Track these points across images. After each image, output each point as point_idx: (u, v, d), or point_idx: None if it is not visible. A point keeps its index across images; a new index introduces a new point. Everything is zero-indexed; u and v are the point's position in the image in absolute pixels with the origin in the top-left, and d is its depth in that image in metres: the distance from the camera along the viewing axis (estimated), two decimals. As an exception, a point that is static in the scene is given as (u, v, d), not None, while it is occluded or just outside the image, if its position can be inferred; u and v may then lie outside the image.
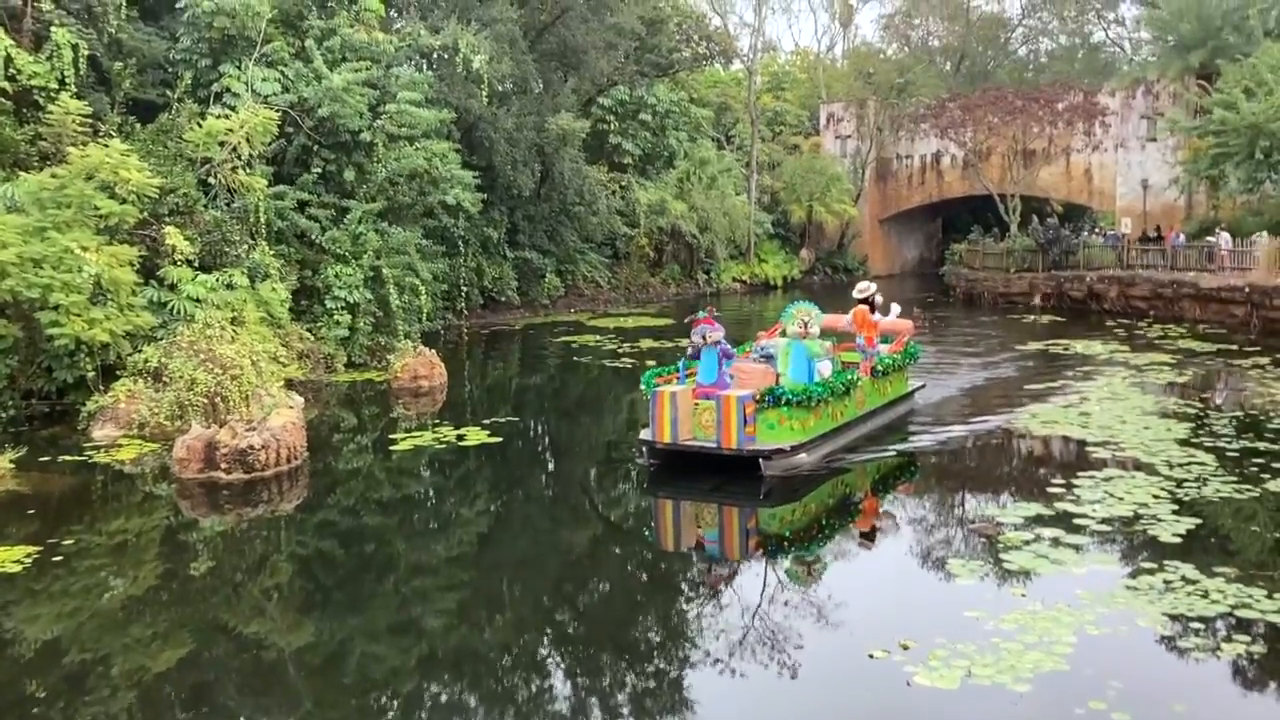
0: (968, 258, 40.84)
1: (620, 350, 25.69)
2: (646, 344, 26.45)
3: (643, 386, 14.56)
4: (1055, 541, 10.82)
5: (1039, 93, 42.29)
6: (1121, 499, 12.22)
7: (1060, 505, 12.11)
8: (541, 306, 34.54)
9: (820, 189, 48.26)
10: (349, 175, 24.60)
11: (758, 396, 13.57)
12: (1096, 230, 42.59)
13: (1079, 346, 25.30)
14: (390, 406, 19.41)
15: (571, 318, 33.13)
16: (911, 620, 9.07)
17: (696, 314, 14.56)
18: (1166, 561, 10.13)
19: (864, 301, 16.61)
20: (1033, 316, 33.06)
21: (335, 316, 22.48)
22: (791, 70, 63.51)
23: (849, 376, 15.01)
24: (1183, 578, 9.73)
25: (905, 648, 8.34)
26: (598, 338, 28.06)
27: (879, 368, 16.07)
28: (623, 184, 39.81)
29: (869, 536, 12.07)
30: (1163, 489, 12.58)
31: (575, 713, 7.89)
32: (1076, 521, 11.48)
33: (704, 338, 14.15)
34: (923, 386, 18.43)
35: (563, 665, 8.83)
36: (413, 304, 24.05)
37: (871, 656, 8.27)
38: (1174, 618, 8.89)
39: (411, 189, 25.71)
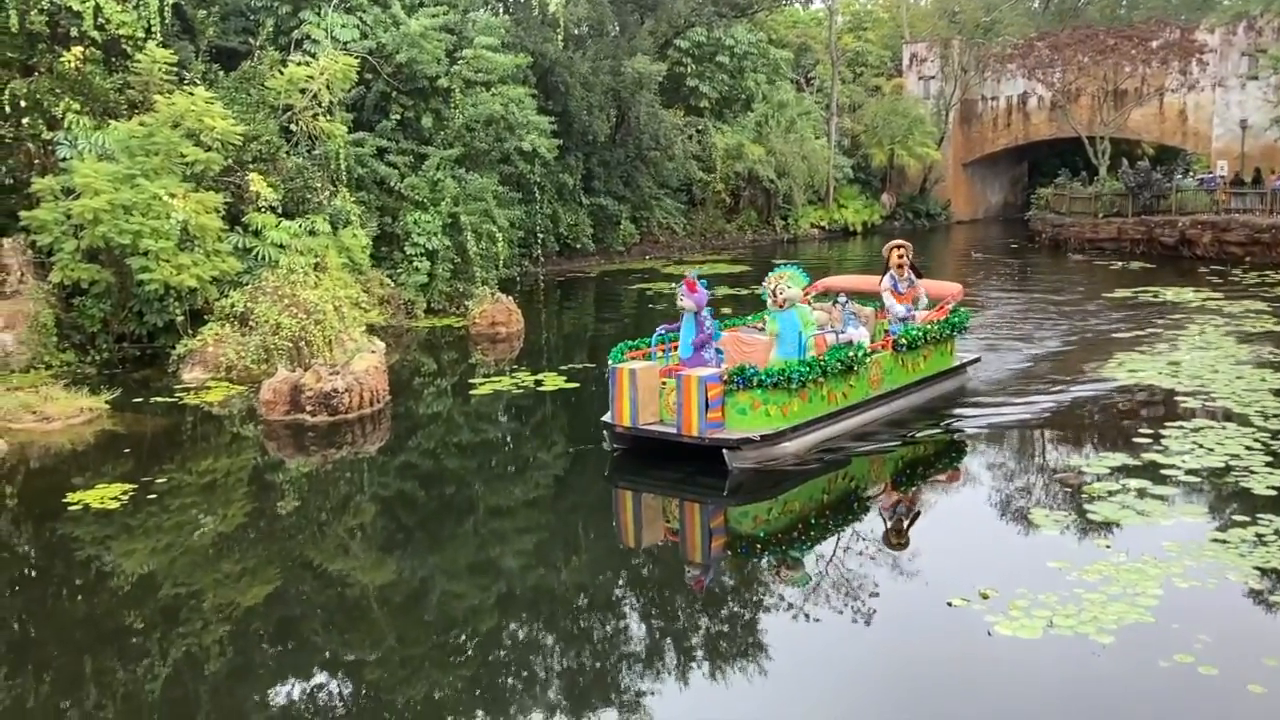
0: (1054, 202, 39.74)
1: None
2: (721, 291, 26.29)
3: (610, 361, 12.62)
4: (1141, 493, 10.58)
5: (1132, 30, 40.68)
6: (1212, 450, 11.89)
7: (1147, 456, 11.83)
8: (616, 253, 34.48)
9: (902, 132, 47.22)
10: (427, 122, 24.71)
11: (724, 376, 11.66)
12: (1190, 173, 41.09)
13: (1169, 294, 24.55)
14: (468, 352, 19.63)
15: (646, 265, 33.05)
16: (992, 569, 8.97)
17: (687, 273, 12.72)
18: (1260, 515, 9.85)
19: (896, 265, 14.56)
20: (1121, 263, 32.12)
21: (414, 263, 22.72)
22: (874, 9, 61.96)
23: (853, 351, 12.79)
24: (1276, 531, 9.45)
25: (985, 597, 8.26)
26: (672, 285, 27.94)
27: (903, 340, 13.86)
28: (699, 128, 39.36)
29: (947, 486, 11.89)
30: (1256, 440, 12.21)
31: (649, 649, 7.96)
32: (1164, 472, 11.21)
33: (699, 306, 12.37)
34: (977, 360, 16.00)
35: (638, 606, 8.91)
36: (490, 251, 24.18)
37: (950, 605, 8.20)
38: (1266, 572, 8.65)
39: (488, 135, 25.75)
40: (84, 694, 7.29)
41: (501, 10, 29.77)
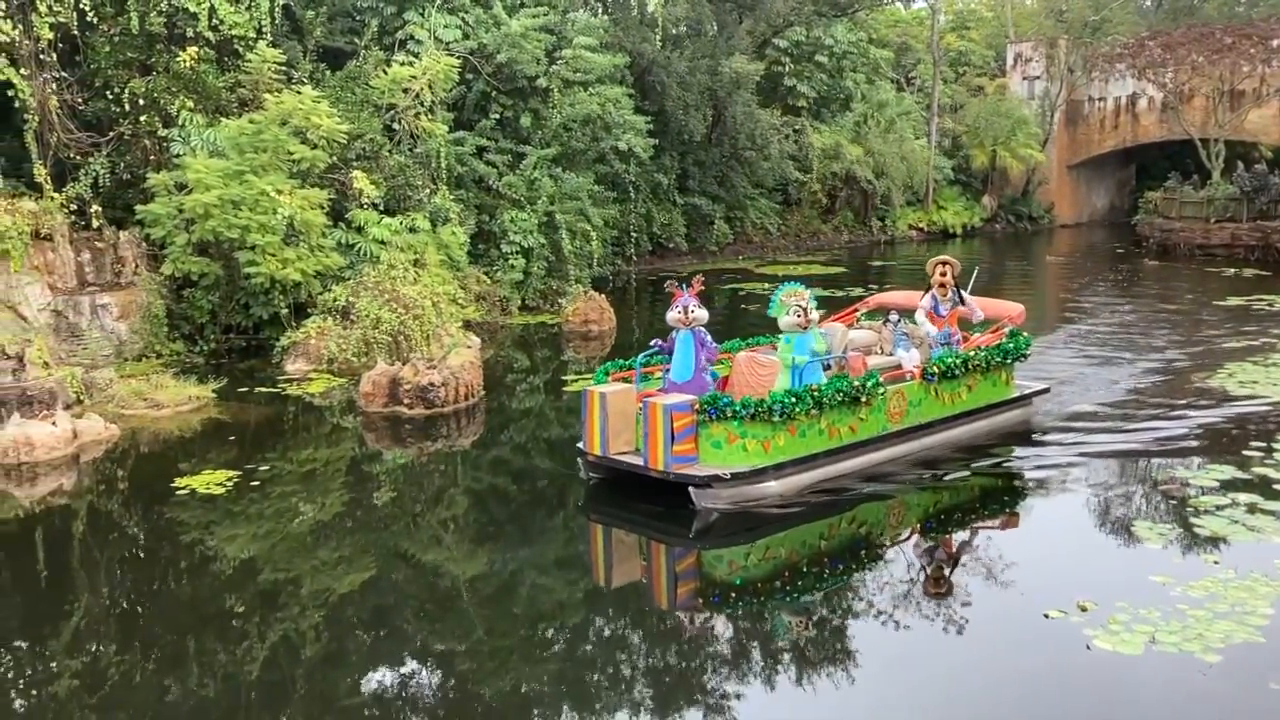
0: (1163, 206, 38.42)
1: (790, 298, 25.34)
2: (816, 293, 26.03)
3: (594, 380, 11.71)
4: (1252, 508, 10.17)
5: (1251, 28, 39.12)
6: (1330, 465, 11.38)
7: (1258, 470, 11.36)
8: (709, 253, 34.39)
9: (1005, 133, 46.18)
10: (525, 121, 25.00)
11: (696, 406, 10.41)
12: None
13: (1286, 302, 23.60)
14: (561, 349, 19.80)
15: (739, 265, 32.90)
16: (1090, 582, 8.70)
17: (677, 283, 11.51)
18: (1380, 534, 9.40)
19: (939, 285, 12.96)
20: (1233, 269, 30.94)
21: (510, 260, 23.00)
22: (977, 8, 60.76)
23: (863, 380, 11.17)
24: (1398, 552, 9.01)
25: (1084, 609, 8.03)
26: (765, 285, 27.77)
27: (933, 369, 12.10)
28: (796, 128, 39.02)
29: (1045, 494, 11.57)
30: (1378, 456, 11.65)
31: (736, 650, 7.92)
32: (1277, 487, 10.76)
33: (685, 313, 11.04)
34: (1045, 390, 14.06)
35: (726, 605, 8.87)
36: (584, 249, 24.36)
37: (1047, 616, 8.00)
38: (1387, 594, 8.25)
39: (585, 134, 25.94)
40: (186, 673, 7.54)
41: (601, 10, 29.94)
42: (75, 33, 17.81)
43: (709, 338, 11.17)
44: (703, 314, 11.07)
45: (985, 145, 46.66)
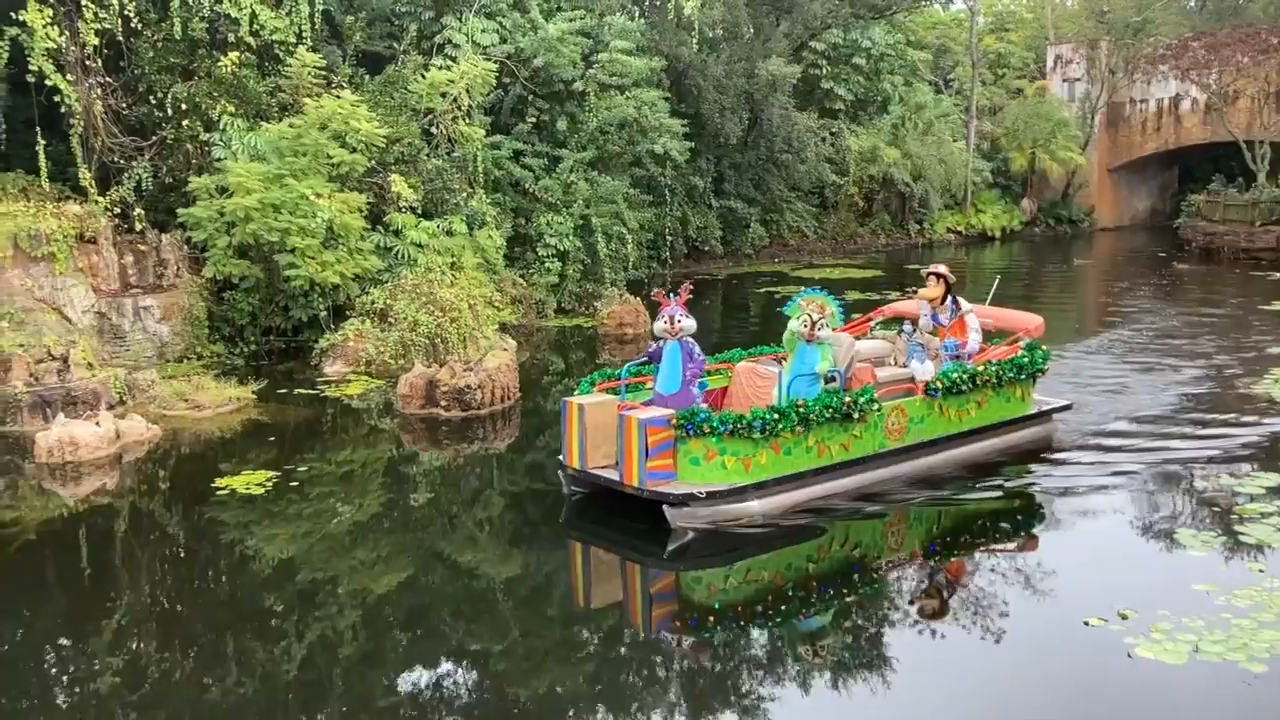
0: (1206, 210, 37.90)
1: (826, 301, 25.23)
2: (852, 296, 25.88)
3: (578, 391, 11.31)
4: (1299, 515, 10.01)
5: (1298, 28, 38.58)
6: (1379, 473, 11.17)
7: (1306, 477, 11.18)
8: (745, 256, 34.31)
9: (1045, 135, 45.71)
10: (561, 125, 25.08)
11: (674, 420, 10.01)
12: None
13: (1334, 307, 23.19)
14: (596, 351, 19.82)
15: (775, 268, 32.79)
16: (1131, 589, 8.59)
17: (665, 292, 10.90)
18: None
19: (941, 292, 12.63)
20: (1279, 274, 30.45)
21: (546, 263, 23.08)
22: (1017, 10, 60.19)
23: (856, 396, 10.62)
24: None
25: (1124, 617, 7.93)
26: (801, 289, 27.65)
27: (936, 384, 11.48)
28: (833, 130, 38.86)
29: (1087, 500, 11.42)
30: None
31: (770, 655, 7.89)
32: (1324, 495, 10.59)
33: (672, 322, 10.45)
34: (1067, 407, 13.36)
35: (761, 611, 8.83)
36: (619, 252, 24.40)
37: (1087, 624, 7.90)
38: None
39: (621, 138, 25.98)
40: (225, 671, 7.62)
41: (637, 14, 29.94)
42: (120, 39, 18.07)
43: (697, 349, 10.62)
44: (690, 323, 10.51)
45: (1024, 148, 46.22)
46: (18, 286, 15.11)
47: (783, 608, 8.73)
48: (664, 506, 9.88)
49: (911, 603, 8.82)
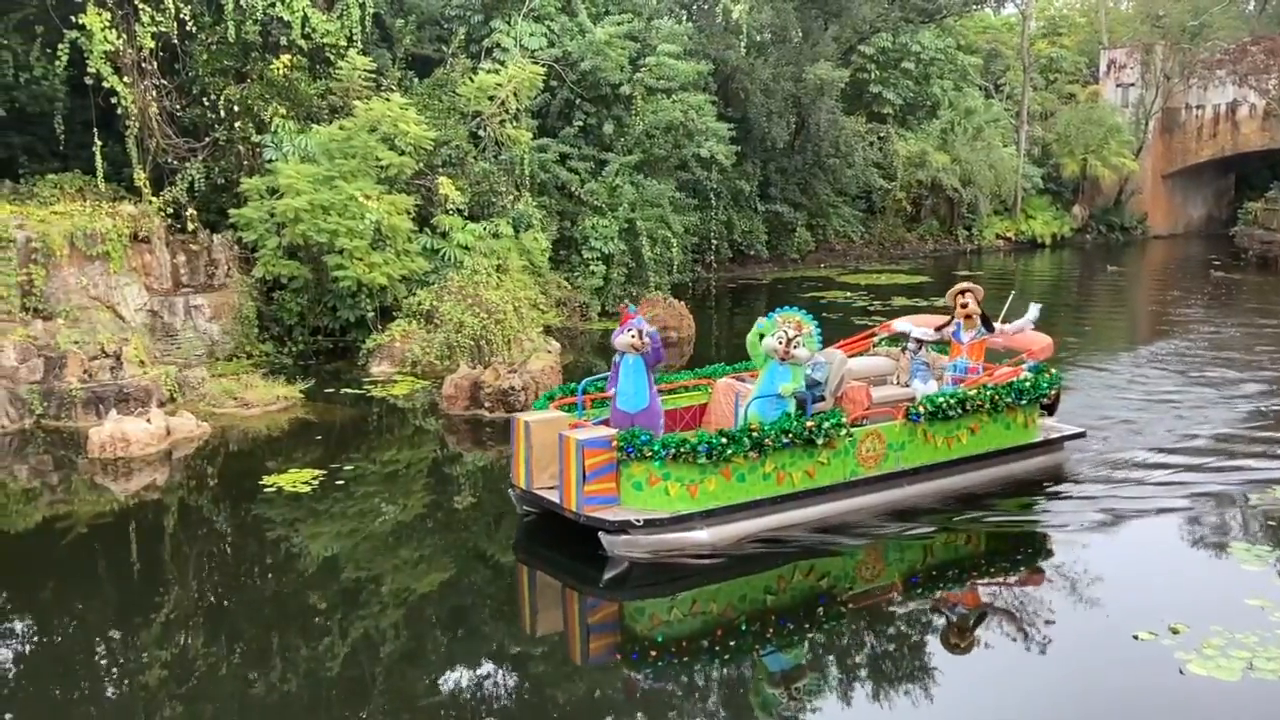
0: (1264, 217, 37.20)
1: (870, 308, 25.09)
2: (899, 302, 25.70)
3: (533, 407, 10.93)
4: (1358, 531, 9.77)
5: (1361, 32, 37.73)
6: None
7: (1365, 492, 10.91)
8: (790, 261, 34.16)
9: (1097, 141, 45.08)
10: (608, 128, 25.13)
11: (615, 443, 9.42)
12: None
13: (1395, 318, 22.64)
14: (641, 355, 19.78)
15: (821, 273, 32.63)
16: (1183, 603, 8.43)
17: (626, 305, 10.64)
18: None
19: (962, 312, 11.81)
20: (1340, 283, 29.81)
21: (591, 266, 23.12)
22: (1070, 14, 59.48)
23: (821, 419, 9.87)
24: None
25: (1175, 632, 7.77)
26: (847, 294, 27.52)
27: (919, 409, 10.56)
28: (881, 135, 38.59)
29: (1138, 512, 11.19)
30: None
31: (815, 657, 7.83)
32: (1385, 511, 10.32)
33: (640, 335, 10.13)
34: (1081, 434, 12.37)
35: (797, 615, 8.77)
36: (664, 256, 24.39)
37: (1136, 638, 7.76)
38: None
39: (667, 141, 25.98)
40: (269, 667, 7.69)
41: (685, 18, 29.93)
42: (175, 42, 18.37)
43: (662, 348, 10.41)
44: (639, 330, 10.14)
45: (1076, 153, 45.60)
46: (73, 285, 15.40)
47: (732, 642, 8.12)
48: (600, 534, 9.34)
49: (902, 634, 8.41)
